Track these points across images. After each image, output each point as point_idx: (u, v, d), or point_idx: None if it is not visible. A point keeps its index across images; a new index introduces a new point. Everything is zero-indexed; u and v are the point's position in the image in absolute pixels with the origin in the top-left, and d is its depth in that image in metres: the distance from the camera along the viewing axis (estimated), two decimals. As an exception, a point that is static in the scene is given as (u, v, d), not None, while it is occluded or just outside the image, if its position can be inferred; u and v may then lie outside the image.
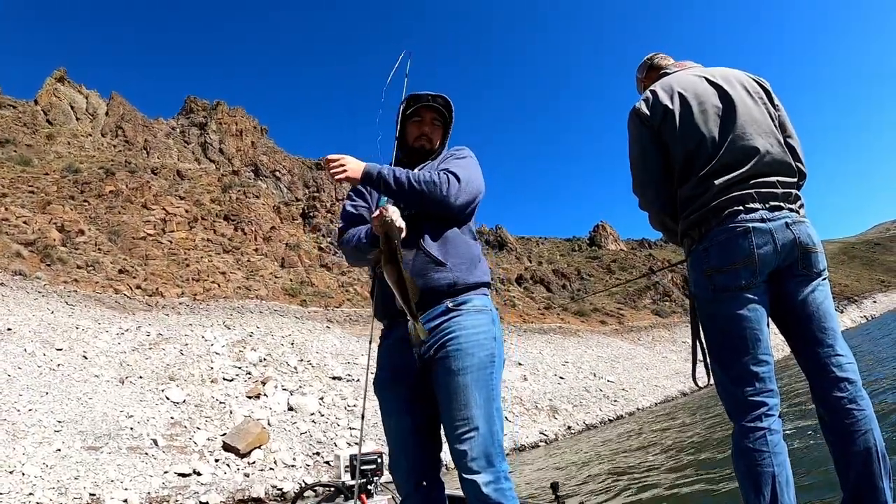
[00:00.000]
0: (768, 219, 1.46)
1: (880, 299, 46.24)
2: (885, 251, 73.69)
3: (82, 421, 7.33)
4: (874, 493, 1.37)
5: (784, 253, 1.47)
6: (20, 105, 25.19)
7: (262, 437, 7.46)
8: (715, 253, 1.50)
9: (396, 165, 1.76)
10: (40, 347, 9.24)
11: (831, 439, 1.46)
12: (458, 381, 1.44)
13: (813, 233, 1.52)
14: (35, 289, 12.59)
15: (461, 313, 1.51)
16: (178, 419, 7.92)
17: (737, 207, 1.48)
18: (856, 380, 1.45)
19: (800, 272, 1.50)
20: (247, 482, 6.70)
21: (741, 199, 1.48)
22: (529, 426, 12.39)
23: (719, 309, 1.51)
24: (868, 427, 1.40)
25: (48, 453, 6.44)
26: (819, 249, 1.52)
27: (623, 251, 44.47)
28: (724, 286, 1.49)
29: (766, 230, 1.45)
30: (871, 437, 1.39)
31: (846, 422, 1.41)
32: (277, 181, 27.59)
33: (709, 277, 1.52)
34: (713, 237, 1.51)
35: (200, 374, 9.60)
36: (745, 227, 1.46)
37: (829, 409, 1.45)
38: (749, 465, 1.42)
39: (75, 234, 16.23)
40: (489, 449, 1.39)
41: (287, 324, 13.81)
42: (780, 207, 1.49)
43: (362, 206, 1.73)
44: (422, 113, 1.77)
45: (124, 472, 6.36)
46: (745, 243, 1.45)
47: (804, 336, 1.51)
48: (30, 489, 5.76)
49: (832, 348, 1.47)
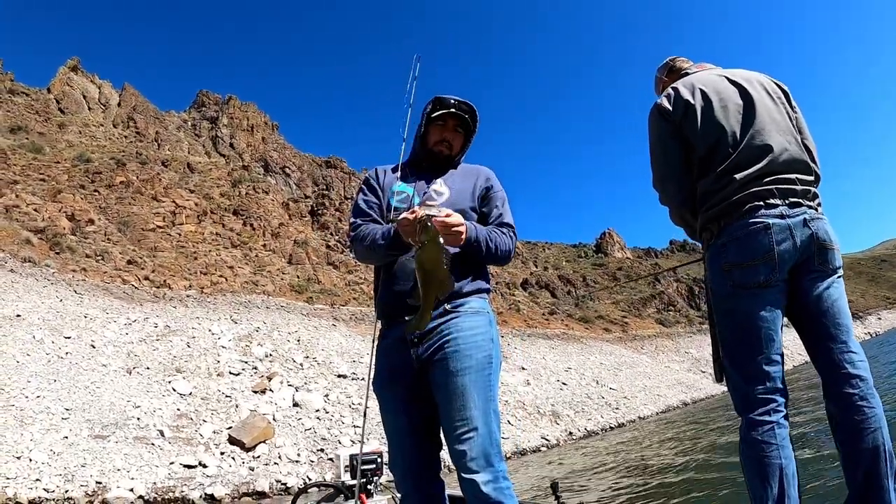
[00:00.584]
0: (787, 215, 1.46)
1: (885, 316, 45.84)
2: (891, 268, 73.00)
3: (90, 409, 7.35)
4: (880, 493, 1.37)
5: (802, 249, 1.46)
6: (33, 93, 25.39)
7: (267, 432, 7.46)
8: (734, 248, 1.50)
9: (414, 165, 1.80)
10: (49, 335, 9.28)
11: (840, 437, 1.45)
12: (456, 382, 1.44)
13: (830, 230, 1.53)
14: (44, 276, 12.66)
15: (459, 315, 1.52)
16: (185, 411, 7.93)
17: (757, 202, 1.48)
18: (867, 377, 1.45)
19: (816, 268, 1.49)
20: (251, 476, 6.70)
21: (761, 194, 1.48)
22: (531, 430, 12.35)
23: (737, 305, 1.50)
24: (878, 425, 1.40)
25: (55, 440, 6.46)
26: (836, 246, 1.52)
27: (629, 259, 44.33)
28: (743, 283, 1.48)
29: (786, 226, 1.45)
30: (880, 436, 1.39)
31: (856, 418, 1.41)
32: (287, 177, 27.66)
33: (727, 273, 1.51)
34: (732, 232, 1.50)
35: (207, 368, 9.62)
36: (766, 223, 1.45)
37: (840, 406, 1.45)
38: (757, 456, 1.42)
39: (85, 224, 16.32)
40: (488, 449, 1.40)
41: (293, 320, 13.83)
42: (799, 204, 1.49)
43: (374, 203, 1.74)
44: (445, 118, 1.76)
45: (131, 461, 6.37)
46: (764, 239, 1.45)
47: (818, 332, 1.50)
48: (37, 475, 5.78)
49: (845, 345, 1.47)
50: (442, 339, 1.49)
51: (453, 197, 1.69)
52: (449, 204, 1.64)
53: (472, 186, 1.73)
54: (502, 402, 13.03)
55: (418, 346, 1.51)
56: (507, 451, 10.47)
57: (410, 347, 1.52)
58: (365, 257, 1.67)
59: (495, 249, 1.60)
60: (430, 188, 1.70)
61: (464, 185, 1.74)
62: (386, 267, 1.64)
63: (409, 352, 1.52)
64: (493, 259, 1.63)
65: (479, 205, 1.73)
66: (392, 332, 1.60)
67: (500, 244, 1.61)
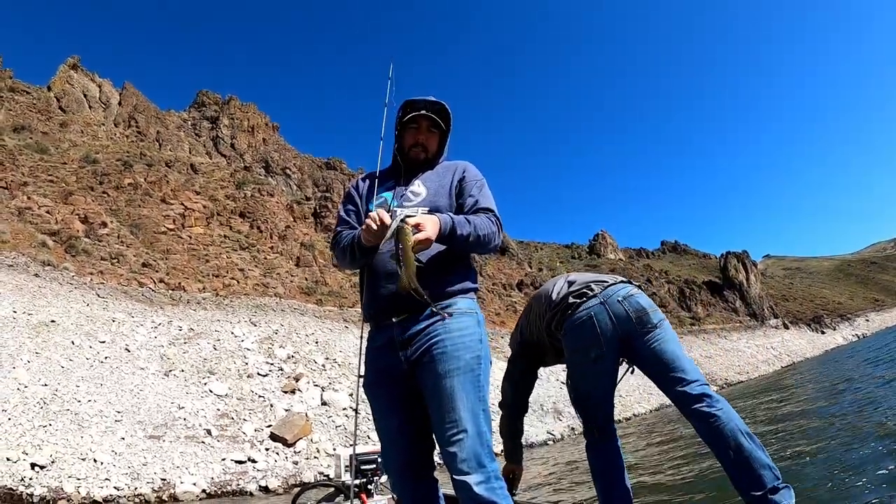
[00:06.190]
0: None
1: (873, 318, 47.08)
2: (881, 270, 74.65)
3: (138, 412, 7.84)
4: (755, 467, 1.70)
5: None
6: (34, 91, 25.30)
7: (305, 429, 8.04)
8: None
9: (394, 173, 1.81)
10: (85, 340, 9.69)
11: (708, 440, 1.82)
12: (444, 384, 1.45)
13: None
14: (66, 280, 12.98)
15: (445, 317, 1.52)
16: (225, 411, 8.47)
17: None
18: (707, 392, 1.85)
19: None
20: (296, 469, 7.29)
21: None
22: (538, 426, 13.12)
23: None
24: (729, 422, 1.76)
25: (114, 441, 6.94)
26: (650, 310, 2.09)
27: (622, 261, 45.39)
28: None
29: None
30: (735, 425, 1.75)
31: (712, 424, 1.77)
32: (287, 178, 27.98)
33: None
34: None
35: (237, 369, 10.13)
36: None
37: (697, 422, 1.84)
38: (592, 464, 2.11)
39: (98, 226, 16.57)
40: (478, 450, 1.40)
41: (308, 322, 14.35)
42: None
43: (352, 210, 1.79)
44: (418, 120, 1.75)
45: (187, 458, 6.90)
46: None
47: (657, 377, 2.02)
48: (105, 475, 6.24)
49: (682, 380, 1.92)
50: (430, 342, 1.49)
51: (431, 195, 1.69)
52: (426, 202, 1.66)
53: (449, 182, 1.74)
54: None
55: (406, 348, 1.52)
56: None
57: (399, 350, 1.53)
58: (341, 261, 1.72)
59: (476, 236, 1.55)
60: (408, 189, 1.71)
61: (441, 181, 1.74)
62: (368, 269, 1.64)
63: (398, 354, 1.53)
64: (478, 246, 1.57)
65: (456, 198, 1.72)
66: (381, 334, 1.60)
67: (479, 227, 1.56)
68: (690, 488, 4.36)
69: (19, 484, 5.57)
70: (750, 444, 1.73)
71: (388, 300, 1.55)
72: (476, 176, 1.77)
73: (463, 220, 1.54)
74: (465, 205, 1.68)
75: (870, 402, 7.18)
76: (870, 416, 5.91)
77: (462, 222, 1.53)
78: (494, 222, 1.62)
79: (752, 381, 23.69)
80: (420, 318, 1.52)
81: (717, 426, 1.77)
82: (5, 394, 6.98)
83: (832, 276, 69.78)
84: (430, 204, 1.65)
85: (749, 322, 36.83)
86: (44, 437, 6.46)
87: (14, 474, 5.65)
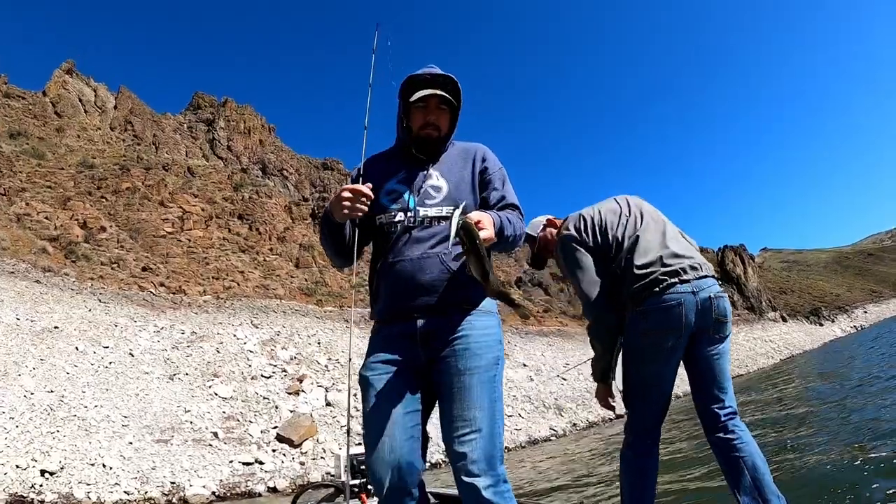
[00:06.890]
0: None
1: (871, 309, 47.30)
2: (878, 262, 74.79)
3: (145, 416, 7.88)
4: (766, 492, 1.76)
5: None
6: (29, 96, 25.18)
7: (311, 430, 8.10)
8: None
9: (402, 153, 1.69)
10: (89, 345, 9.72)
11: (724, 467, 1.87)
12: (463, 381, 1.41)
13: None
14: (67, 286, 12.99)
15: (472, 313, 1.50)
16: (231, 413, 8.52)
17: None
18: (738, 423, 1.90)
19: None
20: (304, 469, 7.34)
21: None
22: (540, 422, 13.21)
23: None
24: (750, 455, 1.81)
25: (122, 446, 6.98)
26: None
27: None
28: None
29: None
30: (753, 461, 1.80)
31: (734, 456, 1.84)
32: (285, 179, 27.97)
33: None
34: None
35: (241, 372, 10.18)
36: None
37: (719, 447, 1.90)
38: (631, 468, 2.02)
39: (97, 231, 16.56)
40: (491, 451, 1.35)
41: (310, 323, 14.40)
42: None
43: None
44: (426, 98, 1.58)
45: (195, 461, 6.95)
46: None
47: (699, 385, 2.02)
48: (114, 479, 6.29)
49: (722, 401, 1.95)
50: (454, 336, 1.45)
51: (452, 190, 1.58)
52: (449, 199, 1.56)
53: (470, 174, 1.63)
54: (511, 396, 13.86)
55: (427, 342, 1.47)
56: (522, 441, 11.30)
57: (419, 343, 1.47)
58: (324, 245, 1.65)
59: (514, 237, 1.51)
60: (426, 184, 1.59)
61: (461, 173, 1.63)
62: (384, 275, 1.55)
63: (417, 347, 1.48)
64: (510, 246, 1.53)
65: (479, 191, 1.64)
66: (396, 326, 1.52)
67: (516, 229, 1.51)
68: (695, 494, 4.43)
69: (30, 491, 5.61)
70: (764, 477, 1.79)
71: (415, 309, 1.48)
72: (497, 165, 1.68)
73: (507, 220, 1.48)
74: (490, 199, 1.61)
75: (871, 396, 7.28)
76: (870, 410, 6.00)
77: (506, 223, 1.47)
78: (522, 221, 1.58)
79: (751, 373, 23.86)
80: (445, 311, 1.48)
81: (736, 458, 1.83)
82: (12, 401, 7.01)
83: (830, 268, 69.96)
84: (454, 202, 1.54)
85: (747, 315, 37.05)
86: (52, 444, 6.49)
87: (24, 481, 5.69)
